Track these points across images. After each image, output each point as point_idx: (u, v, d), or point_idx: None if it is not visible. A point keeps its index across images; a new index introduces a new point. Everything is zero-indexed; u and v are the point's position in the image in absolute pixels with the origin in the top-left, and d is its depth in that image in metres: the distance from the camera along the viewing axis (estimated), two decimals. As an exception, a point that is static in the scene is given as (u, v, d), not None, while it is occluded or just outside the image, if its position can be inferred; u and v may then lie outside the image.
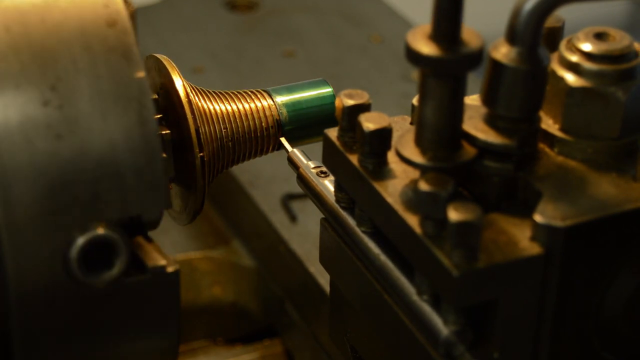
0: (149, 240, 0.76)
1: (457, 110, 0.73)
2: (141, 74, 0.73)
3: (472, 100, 0.76)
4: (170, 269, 0.75)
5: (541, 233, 0.71)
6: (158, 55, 0.87)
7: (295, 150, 0.88)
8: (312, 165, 0.85)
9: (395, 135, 0.76)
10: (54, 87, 0.71)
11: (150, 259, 0.75)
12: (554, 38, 0.79)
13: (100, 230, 0.72)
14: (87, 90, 0.72)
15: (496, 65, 0.73)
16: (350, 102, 0.78)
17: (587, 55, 0.75)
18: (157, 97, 0.87)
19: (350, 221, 0.79)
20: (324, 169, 0.84)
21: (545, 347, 0.74)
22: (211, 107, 0.87)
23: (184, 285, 1.12)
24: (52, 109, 0.71)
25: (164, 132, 0.83)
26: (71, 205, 0.71)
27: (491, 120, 0.74)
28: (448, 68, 0.71)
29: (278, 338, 1.14)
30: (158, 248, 0.77)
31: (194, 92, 0.86)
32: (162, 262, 0.75)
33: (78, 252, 0.72)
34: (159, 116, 0.84)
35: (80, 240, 0.72)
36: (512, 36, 0.72)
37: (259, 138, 0.89)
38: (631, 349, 0.77)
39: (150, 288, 0.75)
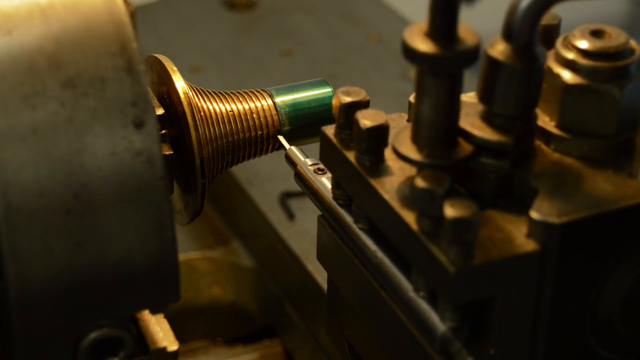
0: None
1: (453, 107, 0.73)
2: (162, 180, 0.72)
3: (469, 97, 0.76)
4: (171, 349, 0.78)
5: (537, 230, 0.71)
6: (158, 55, 0.87)
7: (292, 147, 0.88)
8: (310, 163, 0.85)
9: (392, 133, 0.77)
10: (77, 195, 0.70)
11: (152, 341, 0.78)
12: (550, 36, 0.79)
13: (111, 328, 0.74)
14: (110, 197, 0.71)
15: (492, 62, 0.73)
16: (347, 99, 0.78)
17: (583, 53, 0.75)
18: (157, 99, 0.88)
19: (348, 218, 0.80)
20: (321, 166, 0.84)
21: (542, 343, 0.74)
22: (211, 108, 0.87)
23: (183, 285, 1.12)
24: (73, 218, 0.70)
25: (167, 153, 0.83)
26: (85, 306, 0.73)
27: (487, 118, 0.75)
28: (444, 65, 0.71)
29: (277, 338, 1.14)
30: (161, 322, 0.79)
31: (193, 92, 0.86)
32: (164, 343, 0.78)
33: (88, 345, 0.74)
34: (163, 132, 0.84)
35: (92, 336, 0.74)
36: (509, 34, 0.72)
37: (258, 138, 0.89)
38: (627, 345, 0.77)
39: None
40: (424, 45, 0.71)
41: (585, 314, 0.75)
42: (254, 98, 0.89)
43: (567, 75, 0.75)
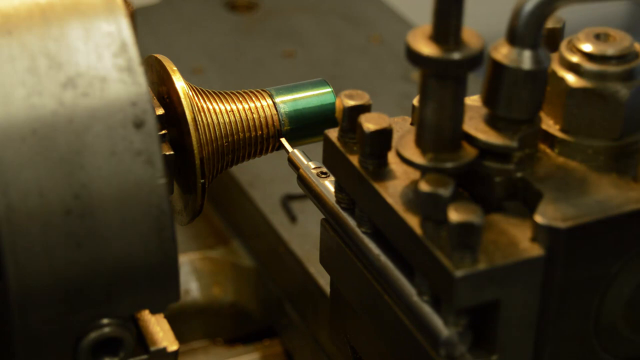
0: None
1: (457, 110, 0.73)
2: (162, 180, 0.72)
3: (473, 100, 0.76)
4: (170, 349, 0.78)
5: (542, 234, 0.71)
6: (158, 55, 0.87)
7: (295, 150, 0.87)
8: (313, 166, 0.85)
9: (395, 136, 0.76)
10: (77, 195, 0.70)
11: (152, 341, 0.77)
12: (554, 39, 0.79)
13: (112, 328, 0.74)
14: (110, 197, 0.71)
15: (497, 66, 0.72)
16: (350, 102, 0.78)
17: (588, 56, 0.75)
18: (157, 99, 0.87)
19: (351, 222, 0.79)
20: (324, 169, 0.84)
21: (546, 348, 0.74)
22: (211, 107, 0.87)
23: (183, 285, 1.12)
24: (73, 218, 0.70)
25: (167, 153, 0.83)
26: (85, 306, 0.73)
27: (492, 121, 0.74)
28: (448, 69, 0.71)
29: (277, 338, 1.14)
30: (161, 322, 0.79)
31: (193, 92, 0.86)
32: (164, 343, 0.78)
33: (88, 345, 0.74)
34: (163, 132, 0.84)
35: (92, 336, 0.74)
36: (513, 37, 0.72)
37: (258, 138, 0.89)
38: (631, 350, 0.77)
39: None
40: (428, 48, 0.71)
41: (589, 318, 0.74)
42: (254, 98, 0.89)
43: (571, 79, 0.75)
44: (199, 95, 0.87)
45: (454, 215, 0.68)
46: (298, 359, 1.11)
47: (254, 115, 0.88)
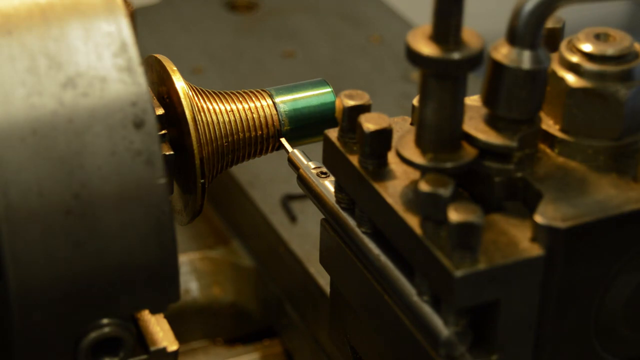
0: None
1: (457, 110, 0.73)
2: (162, 180, 0.72)
3: (473, 100, 0.76)
4: (170, 349, 0.78)
5: (542, 234, 0.71)
6: (158, 55, 0.87)
7: (295, 150, 0.87)
8: (313, 166, 0.85)
9: (395, 136, 0.76)
10: (77, 195, 0.70)
11: (152, 341, 0.77)
12: (554, 39, 0.79)
13: (112, 328, 0.74)
14: (110, 197, 0.71)
15: (496, 66, 0.72)
16: (350, 102, 0.78)
17: (588, 56, 0.75)
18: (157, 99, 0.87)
19: (351, 222, 0.79)
20: (324, 169, 0.84)
21: (546, 348, 0.74)
22: (211, 107, 0.87)
23: (183, 285, 1.12)
24: (73, 217, 0.70)
25: (167, 153, 0.83)
26: (85, 306, 0.72)
27: (491, 121, 0.74)
28: (448, 69, 0.71)
29: (277, 338, 1.14)
30: (161, 322, 0.79)
31: (193, 92, 0.86)
32: (164, 343, 0.77)
33: (88, 345, 0.74)
34: (163, 132, 0.84)
35: (92, 336, 0.73)
36: (513, 37, 0.72)
37: (258, 138, 0.89)
38: (631, 350, 0.77)
39: None
40: (427, 48, 0.71)
41: (589, 318, 0.74)
42: (253, 98, 0.89)
43: (571, 79, 0.75)
44: (199, 95, 0.87)
45: (454, 215, 0.68)
46: (298, 359, 1.11)
47: (254, 115, 0.88)
